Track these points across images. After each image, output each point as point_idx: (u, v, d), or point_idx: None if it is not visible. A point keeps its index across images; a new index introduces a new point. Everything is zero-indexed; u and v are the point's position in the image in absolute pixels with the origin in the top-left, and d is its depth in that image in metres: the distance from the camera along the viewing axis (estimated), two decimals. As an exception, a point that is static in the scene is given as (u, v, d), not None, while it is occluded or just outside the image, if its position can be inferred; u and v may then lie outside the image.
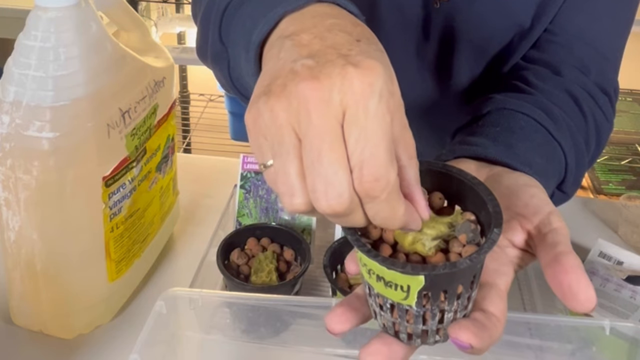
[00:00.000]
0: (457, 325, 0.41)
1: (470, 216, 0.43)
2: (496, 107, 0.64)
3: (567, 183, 0.62)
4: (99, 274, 0.68)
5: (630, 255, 0.75)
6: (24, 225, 0.63)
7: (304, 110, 0.37)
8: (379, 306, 0.42)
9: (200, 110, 2.40)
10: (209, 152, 2.30)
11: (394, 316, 0.41)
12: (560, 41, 0.75)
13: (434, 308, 0.41)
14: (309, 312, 0.62)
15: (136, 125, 0.67)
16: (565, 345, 0.60)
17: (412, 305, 0.40)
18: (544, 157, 0.59)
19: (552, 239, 0.45)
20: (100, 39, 0.63)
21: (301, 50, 0.40)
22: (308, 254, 0.71)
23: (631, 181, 1.99)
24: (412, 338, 0.42)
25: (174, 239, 0.84)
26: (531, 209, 0.48)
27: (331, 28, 0.41)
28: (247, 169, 0.78)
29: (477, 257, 0.39)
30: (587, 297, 0.42)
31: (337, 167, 0.36)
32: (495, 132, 0.60)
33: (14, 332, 0.69)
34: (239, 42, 0.54)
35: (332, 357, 0.65)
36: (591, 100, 0.70)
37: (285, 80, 0.38)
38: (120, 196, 0.66)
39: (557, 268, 0.43)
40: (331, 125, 0.36)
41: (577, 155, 0.63)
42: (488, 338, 0.41)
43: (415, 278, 0.39)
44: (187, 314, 0.60)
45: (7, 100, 0.60)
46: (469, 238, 0.42)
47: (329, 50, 0.39)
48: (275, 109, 0.38)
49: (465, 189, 0.44)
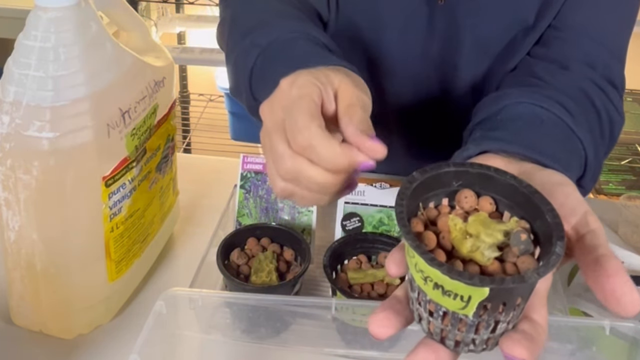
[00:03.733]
0: (510, 340, 0.41)
1: (525, 224, 0.42)
2: (513, 101, 0.63)
3: (586, 178, 0.62)
4: (99, 274, 0.68)
5: (630, 255, 0.75)
6: (24, 225, 0.63)
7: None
8: (429, 312, 0.41)
9: (200, 110, 2.40)
10: (209, 152, 2.30)
11: (444, 323, 0.41)
12: (565, 37, 0.75)
13: (490, 319, 0.40)
14: (309, 312, 0.62)
15: (136, 125, 0.67)
16: (565, 345, 0.60)
17: (468, 315, 0.39)
18: (566, 152, 0.58)
19: (591, 241, 0.45)
20: (100, 39, 0.63)
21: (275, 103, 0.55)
22: (308, 254, 0.71)
23: (631, 181, 1.99)
24: (459, 345, 0.42)
25: (174, 239, 0.84)
26: (568, 210, 0.46)
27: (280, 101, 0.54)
28: (247, 169, 0.78)
29: (544, 271, 0.38)
30: (632, 301, 0.41)
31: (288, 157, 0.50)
32: (517, 126, 0.60)
33: (14, 332, 0.69)
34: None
35: (332, 357, 0.65)
36: (602, 94, 0.70)
37: None
38: (120, 196, 0.66)
39: (600, 272, 0.42)
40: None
41: (595, 149, 0.62)
42: (537, 350, 0.41)
43: (479, 290, 0.38)
44: (187, 314, 0.60)
45: (7, 100, 0.60)
46: (523, 249, 0.41)
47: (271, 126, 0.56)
48: None
49: (518, 195, 0.43)
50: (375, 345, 0.65)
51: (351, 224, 0.76)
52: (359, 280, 0.69)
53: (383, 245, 0.72)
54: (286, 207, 0.77)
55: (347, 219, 0.76)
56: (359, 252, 0.73)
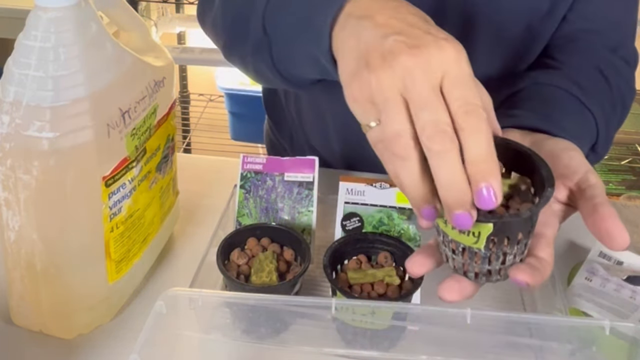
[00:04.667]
0: (516, 269, 0.50)
1: (526, 179, 0.53)
2: (530, 82, 0.73)
3: (599, 144, 0.71)
4: (99, 274, 0.68)
5: (630, 255, 0.75)
6: (24, 225, 0.63)
7: (409, 76, 0.46)
8: (452, 251, 0.52)
9: (200, 110, 2.40)
10: (209, 152, 2.30)
11: (464, 258, 0.51)
12: (576, 17, 0.80)
13: (498, 251, 0.50)
14: (309, 312, 0.62)
15: (136, 125, 0.67)
16: (565, 345, 0.60)
17: (480, 249, 0.50)
18: (577, 123, 0.67)
19: (590, 193, 0.54)
20: (100, 39, 0.63)
21: (385, 29, 0.49)
22: (308, 254, 0.71)
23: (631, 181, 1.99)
24: (478, 277, 0.52)
25: (174, 239, 0.84)
26: (571, 169, 0.56)
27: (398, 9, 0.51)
28: (247, 169, 0.78)
29: (535, 209, 0.49)
30: (622, 239, 0.51)
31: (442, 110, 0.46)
32: (532, 104, 0.68)
33: (14, 332, 0.69)
34: (293, 29, 0.61)
35: (332, 357, 0.65)
36: (614, 69, 0.77)
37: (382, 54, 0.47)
38: (120, 196, 0.66)
39: (596, 216, 0.52)
40: (432, 85, 0.46)
41: (606, 119, 0.71)
42: (540, 278, 0.50)
43: (485, 225, 0.48)
44: (187, 314, 0.60)
45: (7, 100, 0.60)
46: (523, 197, 0.52)
47: (411, 29, 0.48)
48: (380, 77, 0.47)
49: (522, 157, 0.53)
50: (375, 345, 0.65)
51: (351, 224, 0.76)
52: (359, 280, 0.69)
53: (383, 245, 0.72)
54: (286, 207, 0.77)
55: (347, 219, 0.76)
56: (359, 252, 0.73)
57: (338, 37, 0.53)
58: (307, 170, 0.77)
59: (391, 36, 0.48)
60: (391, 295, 0.68)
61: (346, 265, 0.72)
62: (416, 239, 0.75)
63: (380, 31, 0.49)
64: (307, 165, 0.78)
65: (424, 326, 0.61)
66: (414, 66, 0.46)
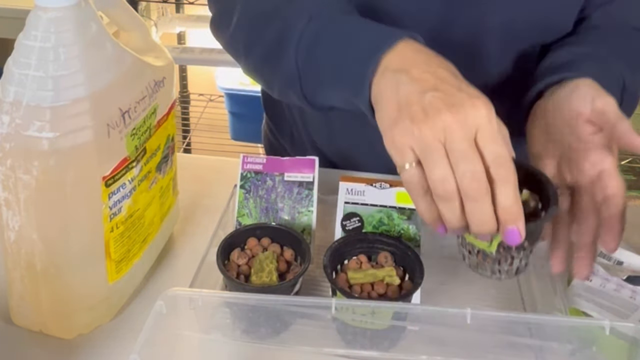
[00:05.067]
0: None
1: (535, 196, 0.62)
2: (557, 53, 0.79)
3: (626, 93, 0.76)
4: (99, 274, 0.68)
5: (630, 255, 0.75)
6: (24, 225, 0.63)
7: (449, 129, 0.54)
8: (468, 251, 0.61)
9: (200, 110, 2.40)
10: (209, 152, 2.30)
11: (478, 258, 0.61)
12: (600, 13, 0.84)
13: (507, 255, 0.59)
14: (309, 312, 0.62)
15: (136, 125, 0.67)
16: (565, 345, 0.60)
17: (492, 252, 0.59)
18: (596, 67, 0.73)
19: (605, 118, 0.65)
20: (100, 39, 0.63)
21: (422, 85, 0.57)
22: (308, 254, 0.71)
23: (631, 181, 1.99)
24: (489, 274, 0.61)
25: (174, 239, 0.84)
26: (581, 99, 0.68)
27: (429, 63, 0.59)
28: (247, 169, 0.78)
29: (540, 223, 0.60)
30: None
31: (478, 162, 0.54)
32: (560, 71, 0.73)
33: (14, 332, 0.69)
34: (329, 74, 0.68)
35: (332, 357, 0.65)
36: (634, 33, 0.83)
37: (423, 108, 0.55)
38: (120, 196, 0.66)
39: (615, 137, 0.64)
40: (469, 138, 0.54)
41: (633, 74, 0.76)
42: None
43: (497, 234, 0.56)
44: (187, 314, 0.60)
45: (7, 100, 0.60)
46: (531, 211, 0.60)
47: (444, 84, 0.57)
48: (422, 129, 0.54)
49: (532, 176, 0.62)
50: (375, 345, 0.65)
51: (351, 224, 0.76)
52: (359, 280, 0.69)
53: (383, 245, 0.72)
54: (286, 207, 0.77)
55: (347, 219, 0.76)
56: (359, 252, 0.73)
57: (376, 87, 0.60)
58: (307, 170, 0.77)
59: (429, 92, 0.56)
60: (391, 295, 0.68)
61: (346, 265, 0.72)
62: (416, 239, 0.75)
63: (418, 86, 0.57)
64: (307, 165, 0.78)
65: (424, 326, 0.61)
66: (453, 122, 0.54)
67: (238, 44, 0.79)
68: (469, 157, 0.54)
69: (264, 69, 0.77)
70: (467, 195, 0.54)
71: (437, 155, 0.54)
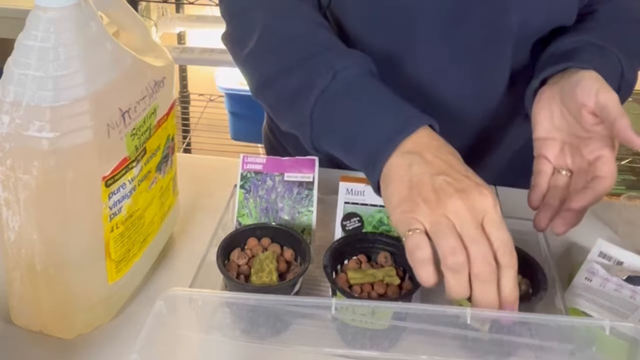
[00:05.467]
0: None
1: (526, 281, 0.68)
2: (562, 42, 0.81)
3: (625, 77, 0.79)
4: (99, 274, 0.68)
5: (630, 255, 0.75)
6: (24, 225, 0.63)
7: (459, 213, 0.58)
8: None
9: (200, 110, 2.40)
10: (209, 152, 2.30)
11: None
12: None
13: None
14: (309, 312, 0.62)
15: (136, 125, 0.67)
16: (565, 345, 0.60)
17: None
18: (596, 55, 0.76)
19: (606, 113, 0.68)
20: (100, 39, 0.63)
21: (433, 168, 0.61)
22: (308, 254, 0.71)
23: (631, 181, 1.99)
24: None
25: (174, 239, 0.84)
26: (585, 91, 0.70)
27: (439, 149, 0.63)
28: (247, 169, 0.78)
29: (529, 305, 0.65)
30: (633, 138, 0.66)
31: (487, 246, 0.58)
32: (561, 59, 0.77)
33: (14, 332, 0.69)
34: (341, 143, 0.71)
35: (332, 357, 0.65)
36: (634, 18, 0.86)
37: (434, 190, 0.60)
38: (120, 196, 0.66)
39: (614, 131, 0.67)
40: (477, 221, 0.59)
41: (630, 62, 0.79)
42: None
43: None
44: (187, 314, 0.60)
45: (7, 100, 0.60)
46: (523, 294, 0.65)
47: (453, 170, 0.61)
48: (435, 209, 0.59)
49: (525, 261, 0.67)
50: (375, 345, 0.65)
51: (351, 224, 0.76)
52: (359, 280, 0.69)
53: (383, 245, 0.72)
54: (286, 207, 0.77)
55: (347, 219, 0.76)
56: (359, 252, 0.73)
57: (388, 166, 0.64)
58: (307, 170, 0.77)
59: (440, 176, 0.60)
60: (391, 295, 0.68)
61: (346, 265, 0.72)
62: (416, 239, 0.75)
63: (430, 168, 0.61)
64: (307, 165, 0.78)
65: (424, 326, 0.61)
66: (462, 206, 0.58)
67: (254, 71, 0.81)
68: (480, 240, 0.58)
69: (278, 106, 0.80)
70: (477, 277, 0.57)
71: (448, 229, 0.58)
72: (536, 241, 0.78)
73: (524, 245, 0.73)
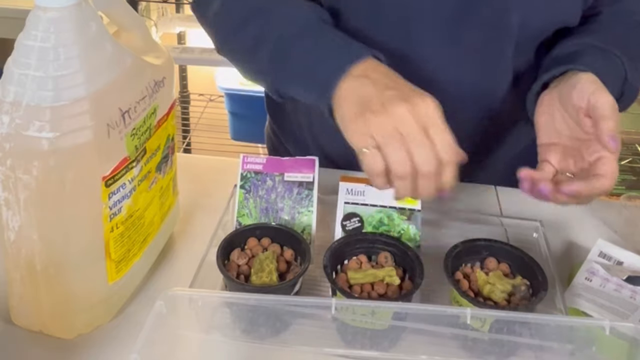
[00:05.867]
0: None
1: (526, 282, 0.69)
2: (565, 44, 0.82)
3: (628, 79, 0.79)
4: (99, 274, 0.68)
5: (630, 255, 0.75)
6: (24, 225, 0.63)
7: (404, 119, 0.64)
8: None
9: (200, 110, 2.40)
10: (209, 152, 2.30)
11: None
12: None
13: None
14: (309, 312, 0.62)
15: (136, 125, 0.67)
16: (565, 345, 0.60)
17: (485, 332, 0.63)
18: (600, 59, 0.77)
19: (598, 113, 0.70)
20: (100, 38, 0.63)
21: (379, 86, 0.66)
22: (308, 254, 0.71)
23: (631, 181, 1.99)
24: None
25: (174, 239, 0.84)
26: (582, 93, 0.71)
27: (386, 73, 0.69)
28: (247, 169, 0.78)
29: (529, 305, 0.66)
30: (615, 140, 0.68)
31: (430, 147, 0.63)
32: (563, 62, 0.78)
33: (14, 332, 0.69)
34: (302, 78, 0.75)
35: (332, 357, 0.65)
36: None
37: (382, 103, 0.65)
38: (120, 196, 0.66)
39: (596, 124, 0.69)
40: (421, 127, 0.64)
41: (633, 65, 0.79)
42: None
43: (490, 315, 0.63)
44: (187, 314, 0.60)
45: (7, 100, 0.60)
46: (522, 296, 0.68)
47: (400, 86, 0.67)
48: (381, 119, 0.64)
49: (525, 262, 0.71)
50: (375, 345, 0.65)
51: (351, 224, 0.76)
52: (359, 280, 0.69)
53: (383, 245, 0.72)
54: (286, 207, 0.77)
55: (347, 219, 0.76)
56: (359, 252, 0.73)
57: (339, 90, 0.69)
58: (307, 170, 0.77)
59: (387, 91, 0.65)
60: (391, 295, 0.68)
61: (346, 265, 0.72)
62: (416, 239, 0.75)
63: (377, 86, 0.66)
64: (307, 165, 0.78)
65: (424, 326, 0.61)
66: (407, 112, 0.63)
67: (218, 29, 0.85)
68: (424, 144, 0.63)
69: (241, 58, 0.84)
70: (422, 176, 0.64)
71: (396, 143, 0.63)
72: (536, 241, 0.78)
73: (524, 245, 0.73)
